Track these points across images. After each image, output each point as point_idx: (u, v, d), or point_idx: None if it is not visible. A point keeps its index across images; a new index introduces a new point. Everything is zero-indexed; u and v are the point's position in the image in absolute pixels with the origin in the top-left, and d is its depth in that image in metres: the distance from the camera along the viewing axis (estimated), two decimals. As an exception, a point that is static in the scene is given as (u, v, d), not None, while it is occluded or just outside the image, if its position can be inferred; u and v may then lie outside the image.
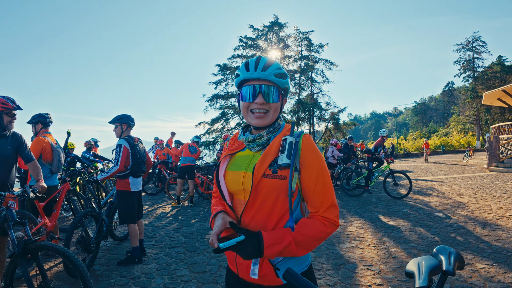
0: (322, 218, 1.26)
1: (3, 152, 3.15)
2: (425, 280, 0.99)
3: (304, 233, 1.21)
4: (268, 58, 1.32)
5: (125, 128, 4.49)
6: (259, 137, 1.33)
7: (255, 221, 1.27)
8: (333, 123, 28.70)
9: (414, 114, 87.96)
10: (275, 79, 1.28)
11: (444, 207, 7.33)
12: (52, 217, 4.44)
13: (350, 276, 3.77)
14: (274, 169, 1.25)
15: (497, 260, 4.05)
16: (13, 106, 3.12)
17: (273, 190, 1.24)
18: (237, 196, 1.35)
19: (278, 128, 1.38)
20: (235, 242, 1.11)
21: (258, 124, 1.31)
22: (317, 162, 1.30)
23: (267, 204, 1.26)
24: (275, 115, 1.33)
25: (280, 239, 1.17)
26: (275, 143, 1.31)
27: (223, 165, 1.40)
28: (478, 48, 49.12)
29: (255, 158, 1.33)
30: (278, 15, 28.92)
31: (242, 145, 1.41)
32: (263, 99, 1.28)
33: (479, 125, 46.39)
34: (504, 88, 20.52)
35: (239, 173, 1.33)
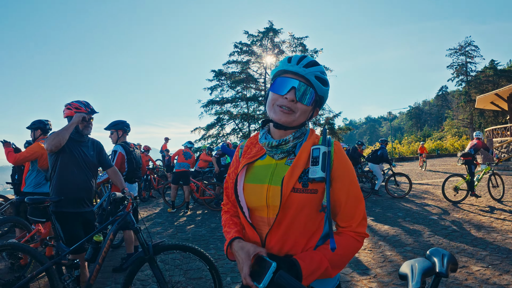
0: (354, 233, 1.17)
1: (89, 158, 3.10)
2: (418, 282, 1.00)
3: (339, 253, 1.11)
4: (314, 59, 1.19)
5: (121, 134, 4.48)
6: (284, 142, 1.17)
7: (283, 241, 1.14)
8: (328, 128, 28.80)
9: (409, 118, 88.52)
10: (315, 81, 1.15)
11: (439, 210, 7.36)
12: (46, 224, 4.40)
13: (346, 280, 3.77)
14: (305, 182, 1.11)
15: (492, 262, 4.07)
16: (86, 110, 3.02)
17: (304, 206, 1.11)
18: (259, 212, 1.18)
19: (304, 134, 1.22)
20: (271, 274, 0.99)
21: (280, 119, 1.15)
22: (349, 173, 1.18)
23: (297, 222, 1.12)
24: (301, 118, 1.17)
25: (318, 267, 1.06)
26: (304, 152, 1.16)
27: (241, 177, 1.22)
28: (470, 52, 49.69)
29: (279, 169, 1.18)
30: (273, 21, 29.16)
31: (261, 151, 1.25)
32: (294, 96, 1.13)
33: (473, 129, 46.76)
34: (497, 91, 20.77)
35: (262, 186, 1.17)
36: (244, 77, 28.03)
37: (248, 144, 1.33)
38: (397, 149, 39.34)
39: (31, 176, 4.38)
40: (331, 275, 1.10)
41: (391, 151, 36.12)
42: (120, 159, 4.29)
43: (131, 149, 4.45)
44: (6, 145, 4.29)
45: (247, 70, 28.47)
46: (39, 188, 4.41)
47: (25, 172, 4.44)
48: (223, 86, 28.17)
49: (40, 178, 4.42)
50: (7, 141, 4.35)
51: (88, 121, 3.05)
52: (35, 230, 4.21)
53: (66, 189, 2.93)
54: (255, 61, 28.82)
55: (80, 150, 3.04)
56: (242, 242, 1.17)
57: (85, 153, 3.07)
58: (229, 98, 28.18)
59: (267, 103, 1.21)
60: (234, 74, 28.32)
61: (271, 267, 0.99)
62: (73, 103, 3.05)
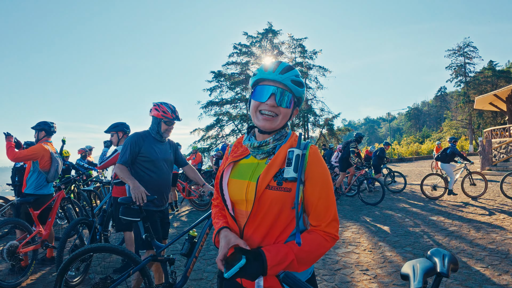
0: (323, 233, 1.24)
1: (167, 156, 3.20)
2: (420, 282, 1.01)
3: (306, 249, 1.18)
4: (289, 64, 1.29)
5: (122, 135, 4.47)
6: (264, 144, 1.29)
7: (258, 233, 1.24)
8: (328, 128, 28.88)
9: (408, 119, 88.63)
10: (291, 85, 1.25)
11: (438, 211, 7.38)
12: (47, 226, 4.41)
13: (346, 281, 3.78)
14: (279, 181, 1.22)
15: (491, 263, 4.09)
16: (172, 116, 3.08)
17: (277, 202, 1.21)
18: (239, 206, 1.30)
19: (284, 136, 1.33)
20: (238, 269, 1.07)
21: (264, 126, 1.27)
22: (322, 176, 1.27)
23: (270, 216, 1.22)
24: (283, 121, 1.29)
25: (283, 259, 1.14)
26: (281, 153, 1.27)
27: (227, 173, 1.34)
28: (469, 53, 49.78)
29: (259, 167, 1.29)
30: (272, 22, 29.25)
31: (246, 151, 1.36)
32: (275, 102, 1.23)
33: (472, 129, 46.85)
34: (496, 92, 20.82)
35: (243, 182, 1.28)
36: (243, 78, 28.08)
37: (236, 144, 1.44)
38: (396, 150, 39.36)
39: (32, 178, 4.39)
40: (298, 270, 1.18)
41: (390, 152, 36.16)
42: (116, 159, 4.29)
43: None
44: (8, 138, 4.21)
45: (246, 71, 28.52)
46: (40, 189, 4.42)
47: (26, 173, 4.44)
48: (222, 87, 28.23)
49: (41, 179, 4.42)
50: (10, 134, 4.28)
51: (170, 126, 3.14)
52: (36, 231, 4.22)
53: (155, 187, 3.05)
54: (255, 62, 28.87)
55: (161, 149, 3.16)
56: (227, 231, 1.27)
57: (165, 152, 3.20)
58: (229, 99, 28.23)
59: (250, 110, 1.32)
60: (234, 75, 28.37)
61: (240, 262, 1.07)
62: (162, 106, 3.09)
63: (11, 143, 4.20)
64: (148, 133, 3.13)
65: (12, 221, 4.10)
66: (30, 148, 4.30)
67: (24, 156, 4.20)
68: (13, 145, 4.21)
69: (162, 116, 3.07)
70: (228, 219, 1.34)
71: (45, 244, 4.32)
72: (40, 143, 4.48)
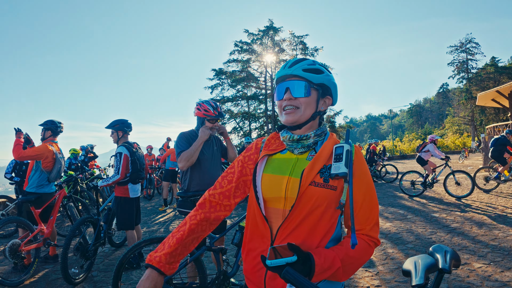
0: (367, 237, 1.15)
1: (213, 152, 3.25)
2: (422, 278, 1.01)
3: (352, 255, 1.09)
4: (305, 58, 1.24)
5: (121, 135, 4.45)
6: (305, 137, 1.21)
7: (295, 235, 1.12)
8: (329, 126, 28.81)
9: (410, 116, 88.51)
10: (304, 73, 1.18)
11: (440, 208, 7.37)
12: (49, 224, 4.43)
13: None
14: (326, 177, 1.12)
15: (494, 259, 4.08)
16: (214, 113, 3.09)
17: (322, 201, 1.11)
18: (274, 204, 1.18)
19: (325, 133, 1.26)
20: (284, 263, 0.95)
21: (287, 120, 1.20)
22: (367, 175, 1.20)
23: (313, 217, 1.11)
24: (307, 111, 1.20)
25: (331, 265, 1.03)
26: (325, 148, 1.18)
27: (261, 167, 1.24)
28: (471, 49, 49.63)
29: (300, 163, 1.20)
30: (273, 19, 29.16)
31: (282, 145, 1.28)
32: (290, 94, 1.18)
33: (474, 126, 46.74)
34: (498, 88, 20.71)
35: (282, 177, 1.18)
36: (244, 76, 28.02)
37: (269, 138, 1.35)
38: (398, 147, 39.30)
39: (34, 176, 4.40)
40: (341, 279, 1.08)
41: (392, 149, 36.10)
42: (126, 161, 4.28)
43: (134, 149, 4.44)
44: (18, 135, 4.19)
45: (247, 69, 28.46)
46: (41, 188, 4.43)
47: (29, 172, 4.46)
48: (223, 85, 28.19)
49: (43, 178, 4.44)
50: (20, 130, 4.25)
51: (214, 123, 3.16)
52: (38, 230, 4.23)
53: (205, 180, 3.10)
54: (256, 60, 28.81)
55: (208, 148, 3.21)
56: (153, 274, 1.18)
57: (212, 148, 3.26)
58: (230, 97, 28.20)
59: (278, 112, 1.27)
60: (235, 72, 28.31)
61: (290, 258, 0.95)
62: (203, 105, 3.12)
63: (20, 140, 4.20)
64: (194, 132, 3.15)
65: (14, 219, 4.11)
66: (34, 148, 4.31)
67: (28, 156, 4.21)
68: (21, 142, 4.22)
69: (204, 115, 3.10)
70: (255, 220, 1.22)
71: (47, 242, 4.34)
72: (45, 142, 4.49)
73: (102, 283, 3.86)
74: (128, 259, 2.76)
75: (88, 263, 4.07)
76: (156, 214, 8.22)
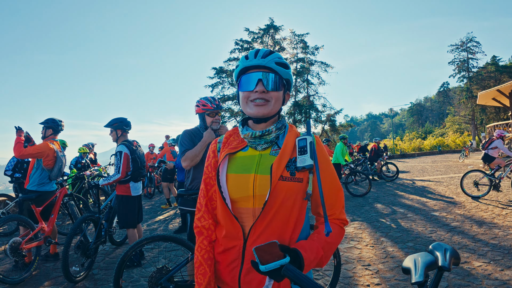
0: (338, 221, 1.20)
1: None
2: (421, 276, 1.01)
3: (330, 241, 1.13)
4: (273, 51, 1.22)
5: (120, 133, 4.44)
6: (267, 133, 1.19)
7: (269, 231, 1.11)
8: (330, 124, 28.81)
9: (410, 114, 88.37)
10: (276, 67, 1.17)
11: (440, 206, 7.37)
12: (50, 222, 4.44)
13: (348, 276, 3.79)
14: (292, 171, 1.13)
15: (494, 258, 4.08)
16: (212, 106, 3.07)
17: (291, 195, 1.12)
18: (242, 204, 1.16)
19: (284, 126, 1.25)
20: (278, 265, 0.95)
21: (258, 112, 1.17)
22: (329, 163, 1.23)
23: (283, 211, 1.12)
24: (276, 106, 1.20)
25: (316, 256, 1.06)
26: (289, 142, 1.19)
27: (223, 167, 1.20)
28: (472, 48, 49.46)
29: (264, 159, 1.18)
30: (273, 18, 29.15)
31: (243, 142, 1.25)
32: (263, 87, 1.16)
33: (475, 125, 46.65)
34: (499, 87, 20.70)
35: (248, 176, 1.16)
36: (245, 75, 27.97)
37: (227, 136, 1.32)
38: (399, 146, 39.28)
39: (35, 174, 4.41)
40: (323, 265, 1.11)
41: (393, 148, 36.09)
42: (126, 159, 4.29)
43: (134, 147, 4.44)
44: (18, 133, 4.19)
45: (248, 68, 28.42)
46: (42, 186, 4.44)
47: (30, 170, 4.46)
48: (224, 84, 28.18)
49: (44, 176, 4.44)
50: (21, 129, 4.25)
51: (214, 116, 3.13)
52: (39, 228, 4.24)
53: None
54: (261, 49, 28.80)
55: None
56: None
57: None
58: (230, 95, 28.19)
59: (240, 103, 1.24)
60: (235, 71, 28.28)
61: (284, 260, 0.96)
62: (201, 101, 3.11)
63: (20, 138, 4.21)
64: (198, 130, 3.15)
65: (15, 217, 4.12)
66: (35, 146, 4.31)
67: (28, 154, 4.22)
68: (22, 141, 4.22)
69: (203, 109, 3.09)
70: (224, 221, 1.18)
71: (48, 241, 4.35)
72: (46, 141, 4.49)
73: (103, 281, 3.87)
74: (130, 257, 2.77)
75: (89, 261, 4.08)
76: (156, 213, 8.24)
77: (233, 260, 1.15)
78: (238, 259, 1.14)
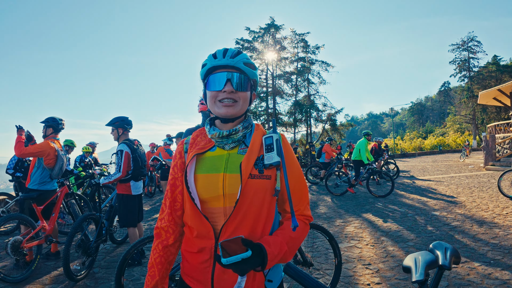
0: (303, 217, 1.23)
1: None
2: (422, 274, 1.02)
3: (294, 237, 1.16)
4: (240, 51, 1.23)
5: (121, 132, 4.45)
6: (234, 132, 1.20)
7: (240, 230, 1.13)
8: (330, 124, 28.79)
9: (411, 114, 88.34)
10: (244, 67, 1.19)
11: (441, 206, 7.37)
12: (51, 221, 4.44)
13: (349, 275, 3.79)
14: (260, 168, 1.16)
15: (494, 258, 4.08)
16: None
17: (260, 192, 1.15)
18: (212, 204, 1.16)
19: (251, 124, 1.27)
20: (240, 259, 0.98)
21: (227, 113, 1.18)
22: (295, 160, 1.27)
23: (254, 208, 1.14)
24: (244, 106, 1.22)
25: (280, 251, 1.09)
26: (256, 141, 1.21)
27: (191, 168, 1.20)
28: (473, 48, 49.48)
29: (232, 158, 1.20)
30: (274, 17, 29.10)
31: (210, 143, 1.26)
32: (232, 87, 1.17)
33: (475, 125, 46.65)
34: (500, 87, 20.67)
35: (217, 175, 1.16)
36: (245, 74, 27.95)
37: (194, 137, 1.31)
38: (399, 145, 39.26)
39: (36, 173, 4.42)
40: (287, 260, 1.13)
41: (393, 147, 36.07)
42: (127, 158, 4.30)
43: (135, 146, 4.45)
44: (19, 132, 4.20)
45: (249, 67, 28.39)
46: (43, 185, 4.45)
47: (31, 169, 4.47)
48: (224, 83, 28.13)
49: (45, 175, 4.45)
50: (22, 128, 4.25)
51: None
52: (40, 227, 4.25)
53: None
54: (257, 58, 28.75)
55: None
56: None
57: None
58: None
59: (207, 102, 1.24)
60: (236, 70, 28.25)
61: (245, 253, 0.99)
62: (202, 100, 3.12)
63: (21, 137, 4.22)
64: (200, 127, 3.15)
65: (15, 216, 4.13)
66: (36, 145, 4.32)
67: (29, 153, 4.23)
68: (23, 140, 4.23)
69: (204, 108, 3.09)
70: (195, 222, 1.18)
71: (49, 239, 4.36)
72: (46, 140, 4.50)
73: (104, 280, 3.88)
74: (131, 255, 2.77)
75: (89, 260, 4.09)
76: (157, 211, 8.24)
77: (206, 260, 1.16)
78: (210, 259, 1.15)
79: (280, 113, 29.27)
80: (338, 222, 6.35)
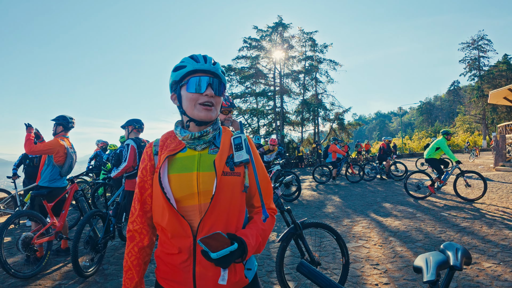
0: (270, 210, 1.35)
1: None
2: (433, 275, 1.01)
3: (265, 228, 1.27)
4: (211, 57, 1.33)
5: (131, 130, 4.66)
6: (205, 133, 1.27)
7: (217, 226, 1.18)
8: (338, 123, 28.71)
9: (419, 113, 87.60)
10: (221, 75, 1.30)
11: (450, 206, 7.30)
12: (61, 217, 4.50)
13: (356, 275, 3.78)
14: (231, 166, 1.24)
15: (503, 259, 4.04)
16: (226, 103, 3.06)
17: (232, 188, 1.22)
18: (187, 202, 1.20)
19: (219, 127, 1.35)
20: (228, 252, 1.04)
21: (206, 116, 1.25)
22: (259, 158, 1.37)
23: (228, 204, 1.21)
24: (218, 109, 1.30)
25: (255, 242, 1.19)
26: (225, 141, 1.30)
27: (164, 169, 1.24)
28: (483, 46, 48.85)
29: (204, 157, 1.26)
30: (282, 15, 29.07)
31: (181, 144, 1.31)
32: (213, 92, 1.25)
33: (485, 125, 46.08)
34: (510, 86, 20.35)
35: (190, 174, 1.22)
36: (253, 72, 28.02)
37: (163, 140, 1.35)
38: (408, 145, 38.94)
39: (46, 171, 4.48)
40: (260, 250, 1.24)
41: (401, 147, 35.81)
42: (133, 152, 4.39)
43: (142, 143, 4.56)
44: (28, 130, 4.27)
45: (256, 65, 28.44)
46: (54, 182, 4.51)
47: (41, 166, 4.54)
48: (232, 82, 28.22)
49: (55, 172, 4.51)
50: (31, 126, 4.32)
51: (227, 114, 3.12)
52: (50, 223, 4.30)
53: None
54: (264, 56, 28.77)
55: None
56: None
57: None
58: (238, 93, 28.24)
59: (185, 103, 1.28)
60: (243, 69, 28.32)
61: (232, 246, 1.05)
62: None
63: (30, 134, 4.27)
64: None
65: (26, 213, 4.19)
66: (46, 142, 4.38)
67: (39, 151, 4.28)
68: (32, 137, 4.29)
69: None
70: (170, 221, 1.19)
71: (59, 236, 4.41)
72: (56, 137, 4.56)
73: (113, 276, 3.92)
74: None
75: (98, 256, 4.14)
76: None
77: (185, 259, 1.19)
78: (190, 258, 1.18)
79: (287, 112, 29.25)
80: (345, 221, 6.33)
